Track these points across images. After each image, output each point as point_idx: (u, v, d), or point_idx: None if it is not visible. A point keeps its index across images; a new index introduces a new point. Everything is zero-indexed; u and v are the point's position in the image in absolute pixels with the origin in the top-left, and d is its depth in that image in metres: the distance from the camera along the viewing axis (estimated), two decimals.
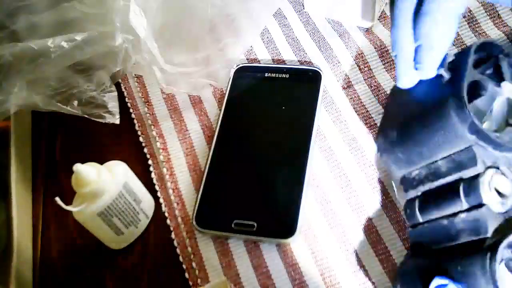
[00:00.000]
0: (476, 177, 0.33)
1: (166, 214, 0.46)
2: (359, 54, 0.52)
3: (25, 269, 0.45)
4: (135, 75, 0.54)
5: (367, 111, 0.48)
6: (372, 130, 0.47)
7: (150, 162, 0.49)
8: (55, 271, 0.46)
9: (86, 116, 0.48)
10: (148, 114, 0.51)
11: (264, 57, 0.54)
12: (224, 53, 0.51)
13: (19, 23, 0.46)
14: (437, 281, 0.31)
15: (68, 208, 0.39)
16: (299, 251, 0.42)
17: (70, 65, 0.47)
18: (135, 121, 0.52)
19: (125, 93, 0.54)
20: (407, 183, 0.39)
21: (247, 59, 0.54)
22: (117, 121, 0.49)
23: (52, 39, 0.44)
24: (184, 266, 0.43)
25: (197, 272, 0.43)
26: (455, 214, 0.34)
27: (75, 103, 0.48)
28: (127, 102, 0.53)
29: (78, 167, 0.38)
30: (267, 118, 0.49)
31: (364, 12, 0.52)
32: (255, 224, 0.43)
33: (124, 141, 0.51)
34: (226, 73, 0.52)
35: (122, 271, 0.45)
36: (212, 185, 0.46)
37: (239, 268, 0.42)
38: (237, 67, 0.52)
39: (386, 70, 0.50)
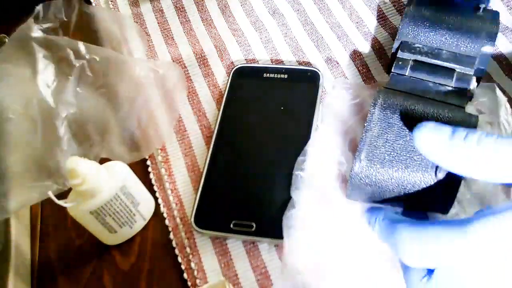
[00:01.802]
0: (470, 75, 0.42)
1: (165, 215, 0.46)
2: (357, 56, 0.52)
3: (23, 269, 0.45)
4: None
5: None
6: None
7: (148, 162, 0.49)
8: (53, 272, 0.46)
9: None
10: None
11: (262, 57, 0.54)
12: None
13: None
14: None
15: (59, 202, 0.39)
16: None
17: None
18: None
19: None
20: (407, 46, 0.44)
21: (245, 59, 0.54)
22: None
23: None
24: (182, 267, 0.43)
25: (195, 272, 0.43)
26: (441, 84, 0.42)
27: None
28: None
29: (71, 158, 0.38)
30: (265, 119, 0.49)
31: None
32: (254, 225, 0.43)
33: None
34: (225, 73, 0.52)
35: (121, 271, 0.45)
36: (211, 185, 0.46)
37: (238, 269, 0.43)
38: (236, 67, 0.52)
39: (384, 72, 0.51)
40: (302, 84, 0.50)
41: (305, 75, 0.51)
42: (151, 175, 0.48)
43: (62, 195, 0.41)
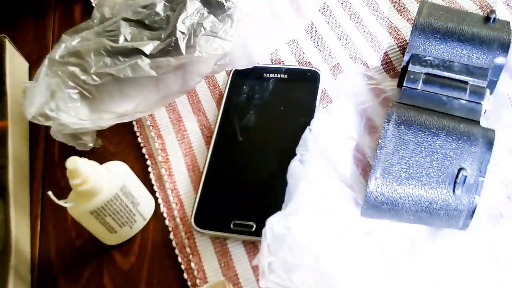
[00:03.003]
0: (483, 88, 0.41)
1: (165, 215, 0.46)
2: (357, 56, 0.52)
3: (23, 269, 0.45)
4: None
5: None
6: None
7: (148, 162, 0.49)
8: (53, 271, 0.46)
9: None
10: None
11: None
12: None
13: None
14: None
15: (59, 202, 0.39)
16: None
17: None
18: (134, 122, 0.52)
19: None
20: (417, 59, 0.43)
21: None
22: None
23: None
24: (182, 267, 0.43)
25: (195, 272, 0.43)
26: (455, 98, 0.41)
27: None
28: None
29: (71, 158, 0.38)
30: (265, 119, 0.49)
31: None
32: (254, 225, 0.43)
33: (123, 142, 0.51)
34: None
35: (121, 271, 0.45)
36: (211, 185, 0.46)
37: (238, 269, 0.43)
38: None
39: (385, 71, 0.51)
40: (302, 84, 0.50)
41: (305, 75, 0.51)
42: (151, 175, 0.48)
43: (62, 195, 0.41)
